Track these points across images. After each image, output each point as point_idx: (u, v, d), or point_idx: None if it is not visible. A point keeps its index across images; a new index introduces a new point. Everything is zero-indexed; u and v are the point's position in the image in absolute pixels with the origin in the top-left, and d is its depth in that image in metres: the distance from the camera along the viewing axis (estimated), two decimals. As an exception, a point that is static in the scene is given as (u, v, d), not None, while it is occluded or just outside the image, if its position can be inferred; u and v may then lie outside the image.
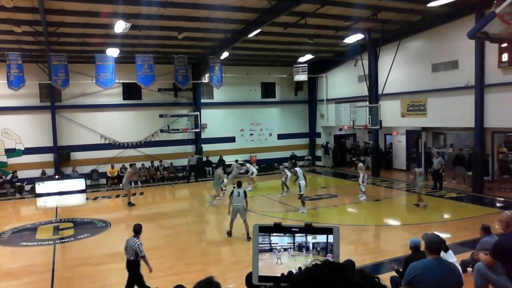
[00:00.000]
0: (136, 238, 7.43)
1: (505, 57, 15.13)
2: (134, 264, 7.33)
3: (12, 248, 11.47)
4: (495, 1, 7.54)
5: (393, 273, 6.91)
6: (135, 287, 7.40)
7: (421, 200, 13.89)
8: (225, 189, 16.87)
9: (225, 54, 19.72)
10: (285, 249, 1.77)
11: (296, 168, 14.44)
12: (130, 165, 17.37)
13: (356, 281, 1.08)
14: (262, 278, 1.78)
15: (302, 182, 13.76)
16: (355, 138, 25.83)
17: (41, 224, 13.69)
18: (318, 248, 1.74)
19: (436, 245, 4.21)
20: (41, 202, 18.18)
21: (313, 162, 25.81)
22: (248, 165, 19.31)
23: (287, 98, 25.72)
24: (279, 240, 1.77)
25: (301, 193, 13.74)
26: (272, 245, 1.78)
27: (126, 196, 16.39)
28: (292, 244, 1.76)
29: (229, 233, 11.32)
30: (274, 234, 1.78)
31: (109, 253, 10.56)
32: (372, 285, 1.10)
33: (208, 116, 23.28)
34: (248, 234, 10.83)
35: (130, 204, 15.99)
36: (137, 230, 7.58)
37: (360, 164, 15.83)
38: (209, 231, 13.33)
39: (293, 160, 23.40)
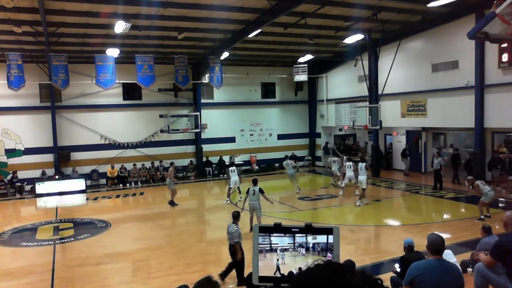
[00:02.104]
0: (235, 224, 8.07)
1: (505, 57, 15.14)
2: (235, 248, 7.89)
3: (12, 248, 11.46)
4: (495, 1, 7.56)
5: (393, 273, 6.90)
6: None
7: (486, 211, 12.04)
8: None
9: (225, 54, 19.72)
10: (285, 250, 1.77)
11: (360, 164, 14.67)
12: (171, 164, 16.93)
13: (356, 282, 1.08)
14: (262, 279, 1.78)
15: (362, 177, 14.26)
16: (355, 139, 25.83)
17: (41, 225, 13.69)
18: (318, 249, 1.74)
19: (438, 245, 4.21)
20: (41, 202, 18.18)
21: (313, 162, 25.82)
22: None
23: (287, 98, 25.72)
24: (280, 241, 1.77)
25: (364, 187, 14.36)
26: (272, 245, 1.78)
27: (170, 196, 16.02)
28: (293, 245, 1.76)
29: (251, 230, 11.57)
30: (275, 234, 1.79)
31: (109, 253, 10.57)
32: (372, 286, 1.10)
33: (208, 116, 23.28)
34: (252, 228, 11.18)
35: (173, 203, 15.71)
36: (235, 216, 8.27)
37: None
38: (209, 231, 13.33)
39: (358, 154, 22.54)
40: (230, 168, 16.36)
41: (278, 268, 1.76)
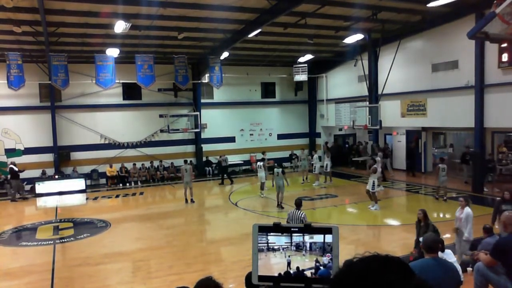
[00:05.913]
0: (299, 210, 8.47)
1: (505, 57, 15.12)
2: None
3: (12, 248, 11.47)
4: (495, 1, 7.56)
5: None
6: None
7: (440, 195, 14.92)
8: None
9: (225, 54, 19.72)
10: (284, 249, 1.77)
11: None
12: (185, 162, 16.95)
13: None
14: (262, 278, 1.78)
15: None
16: (355, 138, 25.83)
17: (41, 224, 13.70)
18: (315, 248, 1.74)
19: (433, 244, 4.22)
20: (41, 202, 18.18)
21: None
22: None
23: (287, 98, 25.72)
24: (277, 240, 1.78)
25: (374, 190, 14.08)
26: (269, 244, 1.78)
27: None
28: (289, 244, 1.76)
29: (279, 205, 14.36)
30: (272, 234, 1.79)
31: (109, 253, 10.57)
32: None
33: (208, 116, 23.28)
34: (279, 203, 14.38)
35: (192, 201, 16.31)
36: (298, 204, 8.76)
37: None
38: (209, 231, 13.33)
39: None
40: (258, 164, 17.68)
41: (288, 265, 1.76)
